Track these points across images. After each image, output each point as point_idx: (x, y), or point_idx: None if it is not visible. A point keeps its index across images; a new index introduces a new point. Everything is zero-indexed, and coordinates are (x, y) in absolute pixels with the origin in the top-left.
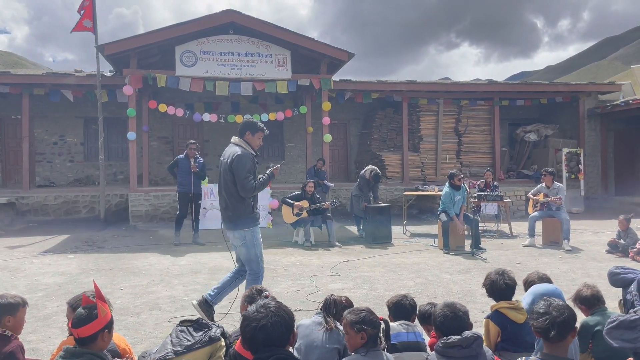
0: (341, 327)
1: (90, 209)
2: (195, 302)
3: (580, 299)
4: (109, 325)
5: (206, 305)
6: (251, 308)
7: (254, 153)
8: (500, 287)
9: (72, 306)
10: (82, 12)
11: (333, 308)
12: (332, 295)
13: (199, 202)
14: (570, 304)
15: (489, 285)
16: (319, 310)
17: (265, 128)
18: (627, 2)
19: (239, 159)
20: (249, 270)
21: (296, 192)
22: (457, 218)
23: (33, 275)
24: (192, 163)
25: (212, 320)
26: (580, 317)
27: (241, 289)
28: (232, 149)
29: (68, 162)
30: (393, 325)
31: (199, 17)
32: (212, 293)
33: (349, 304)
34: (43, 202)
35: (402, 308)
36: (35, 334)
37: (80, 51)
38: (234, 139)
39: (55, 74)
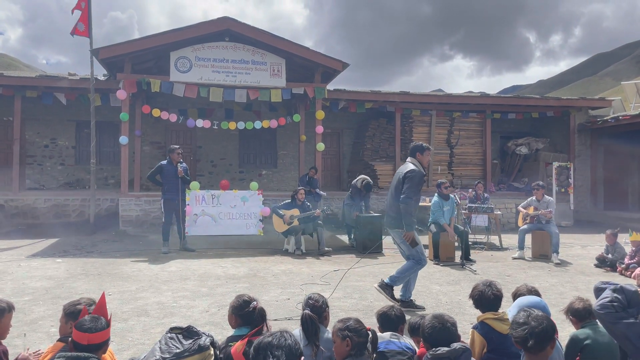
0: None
1: (80, 212)
2: (376, 285)
3: (572, 311)
4: (107, 342)
5: (387, 287)
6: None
7: (423, 172)
8: (488, 298)
9: (67, 312)
10: (76, 12)
11: (311, 326)
12: (306, 311)
13: (184, 208)
14: (562, 315)
15: (478, 296)
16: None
17: (430, 147)
18: (619, 20)
19: (412, 173)
20: (410, 259)
21: (287, 201)
22: (447, 226)
23: (20, 279)
24: (179, 168)
25: (394, 298)
26: (569, 330)
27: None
28: (409, 165)
29: (59, 165)
30: (384, 334)
31: (194, 23)
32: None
33: (323, 304)
34: (32, 205)
35: (388, 319)
36: (20, 339)
37: (74, 54)
38: (409, 159)
39: (48, 76)
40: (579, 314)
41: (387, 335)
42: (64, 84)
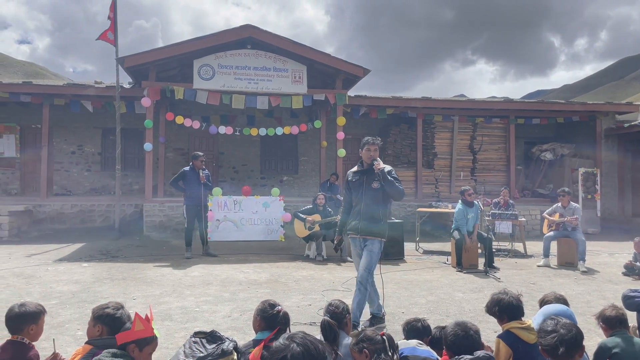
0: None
1: (106, 218)
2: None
3: (603, 318)
4: (140, 343)
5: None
6: (277, 342)
7: (356, 169)
8: (510, 304)
9: (95, 315)
10: (105, 21)
11: (330, 333)
12: (325, 317)
13: (207, 214)
14: (588, 325)
15: (506, 305)
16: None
17: (371, 140)
18: None
19: None
20: None
21: (308, 206)
22: (467, 237)
23: (48, 283)
24: (201, 174)
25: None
26: (595, 340)
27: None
28: None
29: (85, 171)
30: (411, 341)
31: (217, 31)
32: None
33: (344, 310)
34: (59, 210)
35: (415, 330)
36: (48, 342)
37: (99, 62)
38: None
39: (75, 84)
40: (610, 322)
41: (413, 342)
42: (91, 92)
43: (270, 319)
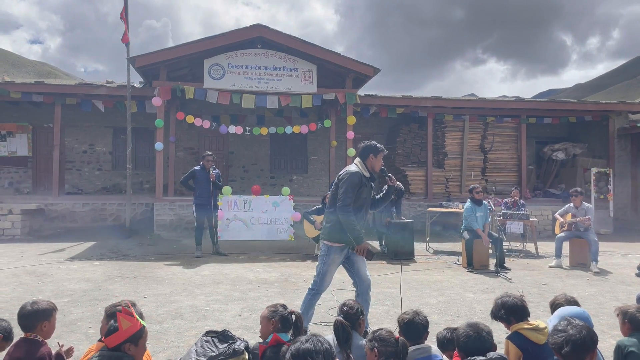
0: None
1: (117, 217)
2: None
3: (630, 317)
4: (133, 339)
5: None
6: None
7: (365, 174)
8: (521, 306)
9: (108, 313)
10: (119, 21)
11: (343, 333)
12: (338, 317)
13: (216, 213)
14: (602, 327)
15: (511, 307)
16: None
17: (384, 148)
18: None
19: (346, 174)
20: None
21: (318, 206)
22: (481, 232)
23: (59, 281)
24: (211, 172)
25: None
26: (609, 342)
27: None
28: (349, 167)
29: (96, 170)
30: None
31: (227, 31)
32: None
33: (358, 311)
34: (71, 209)
35: (413, 327)
36: (59, 339)
37: (110, 62)
38: (356, 159)
39: (87, 84)
40: (635, 321)
41: (411, 350)
42: (102, 91)
43: (285, 321)
